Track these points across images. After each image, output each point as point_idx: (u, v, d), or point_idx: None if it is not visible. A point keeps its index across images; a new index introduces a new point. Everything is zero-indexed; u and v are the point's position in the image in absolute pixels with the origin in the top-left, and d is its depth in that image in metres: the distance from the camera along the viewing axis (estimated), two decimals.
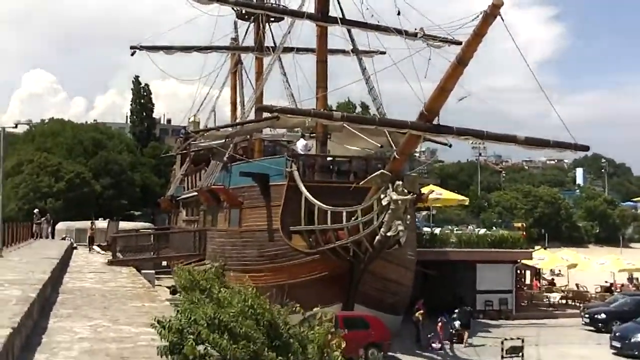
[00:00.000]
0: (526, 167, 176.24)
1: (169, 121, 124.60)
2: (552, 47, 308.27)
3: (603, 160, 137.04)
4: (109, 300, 16.28)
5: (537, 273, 45.16)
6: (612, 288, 42.81)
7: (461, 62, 16.60)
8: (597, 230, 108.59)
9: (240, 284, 13.80)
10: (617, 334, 27.49)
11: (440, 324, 28.28)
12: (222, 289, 10.06)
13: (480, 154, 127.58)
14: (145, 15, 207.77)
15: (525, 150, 20.56)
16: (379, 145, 26.76)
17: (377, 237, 22.43)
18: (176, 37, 45.48)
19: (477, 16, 15.51)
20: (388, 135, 21.97)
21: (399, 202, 20.87)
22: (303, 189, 25.71)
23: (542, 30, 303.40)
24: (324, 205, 24.67)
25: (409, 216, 22.28)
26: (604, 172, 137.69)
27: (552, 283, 46.35)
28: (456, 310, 29.51)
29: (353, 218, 23.46)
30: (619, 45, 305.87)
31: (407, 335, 28.32)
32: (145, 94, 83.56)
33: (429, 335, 27.88)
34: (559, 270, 52.17)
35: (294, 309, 11.34)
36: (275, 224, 27.20)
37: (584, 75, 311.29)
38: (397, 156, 20.69)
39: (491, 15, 15.38)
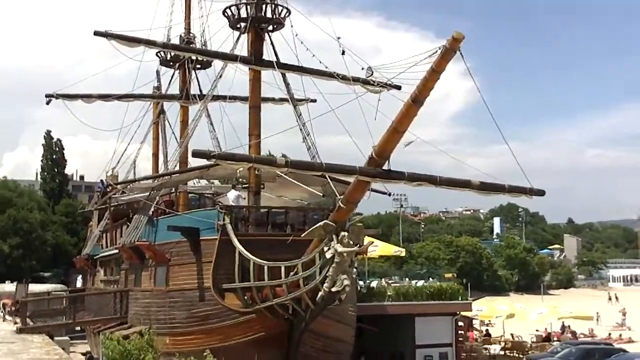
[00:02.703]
0: (443, 218, 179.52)
1: (82, 177, 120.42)
2: (464, 101, 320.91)
3: (520, 210, 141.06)
4: None
5: (470, 324, 44.42)
6: (552, 337, 42.45)
7: (416, 101, 15.58)
8: (517, 279, 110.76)
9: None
10: None
11: None
12: None
13: (401, 206, 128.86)
14: (60, 71, 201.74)
15: (443, 201, 20.19)
16: (321, 195, 25.51)
17: (320, 293, 20.88)
18: (94, 90, 43.02)
19: (435, 52, 14.58)
20: (331, 183, 20.69)
21: (345, 254, 19.59)
22: (237, 243, 24.00)
23: (456, 85, 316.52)
24: (260, 260, 22.99)
25: (354, 270, 20.98)
26: (521, 220, 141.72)
27: (487, 334, 45.73)
28: None
29: (292, 273, 21.92)
30: (524, 100, 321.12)
31: None
32: (57, 149, 79.97)
33: None
34: (489, 321, 51.78)
35: None
36: (206, 282, 25.22)
37: (494, 128, 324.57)
38: (342, 205, 19.39)
39: (451, 49, 14.54)
